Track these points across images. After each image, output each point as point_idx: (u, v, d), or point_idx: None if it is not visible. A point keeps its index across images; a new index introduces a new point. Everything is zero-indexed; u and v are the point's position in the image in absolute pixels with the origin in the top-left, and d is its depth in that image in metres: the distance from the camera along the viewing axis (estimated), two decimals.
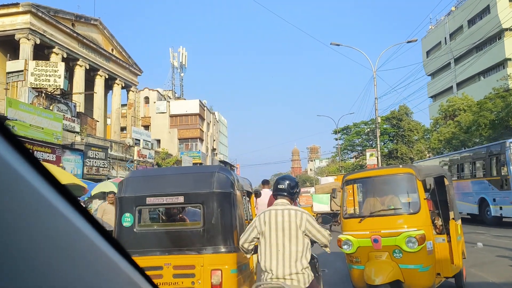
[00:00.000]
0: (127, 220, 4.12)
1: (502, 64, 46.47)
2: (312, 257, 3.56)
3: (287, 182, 3.27)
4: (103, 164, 21.28)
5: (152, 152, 29.17)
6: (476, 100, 37.67)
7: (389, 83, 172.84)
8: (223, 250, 3.94)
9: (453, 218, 5.69)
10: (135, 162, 26.53)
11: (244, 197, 5.08)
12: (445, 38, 56.48)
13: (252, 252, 3.38)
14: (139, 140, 27.78)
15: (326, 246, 3.24)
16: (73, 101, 22.33)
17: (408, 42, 20.82)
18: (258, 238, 3.16)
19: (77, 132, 20.77)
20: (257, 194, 7.14)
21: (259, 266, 3.19)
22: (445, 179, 5.97)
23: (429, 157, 45.77)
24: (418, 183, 5.19)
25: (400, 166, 5.99)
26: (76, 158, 19.17)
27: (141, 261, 3.69)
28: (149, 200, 4.16)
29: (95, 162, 20.67)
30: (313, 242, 3.18)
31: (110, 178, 19.41)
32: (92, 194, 11.99)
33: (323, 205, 15.94)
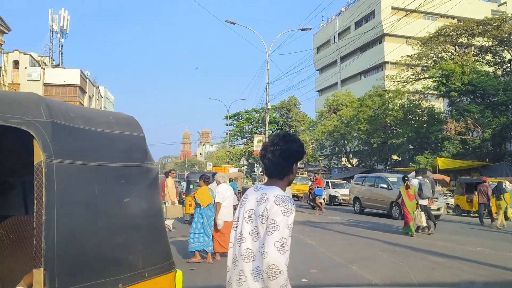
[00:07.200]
0: None
1: (381, 66, 50.68)
2: None
3: None
4: None
5: None
6: (357, 97, 40.41)
7: (282, 68, 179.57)
8: None
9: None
10: None
11: None
12: (334, 36, 59.76)
13: None
14: None
15: None
16: None
17: (303, 29, 20.90)
18: None
19: None
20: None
21: None
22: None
23: (312, 148, 47.94)
24: None
25: None
26: None
27: None
28: None
29: None
30: None
31: None
32: None
33: None
